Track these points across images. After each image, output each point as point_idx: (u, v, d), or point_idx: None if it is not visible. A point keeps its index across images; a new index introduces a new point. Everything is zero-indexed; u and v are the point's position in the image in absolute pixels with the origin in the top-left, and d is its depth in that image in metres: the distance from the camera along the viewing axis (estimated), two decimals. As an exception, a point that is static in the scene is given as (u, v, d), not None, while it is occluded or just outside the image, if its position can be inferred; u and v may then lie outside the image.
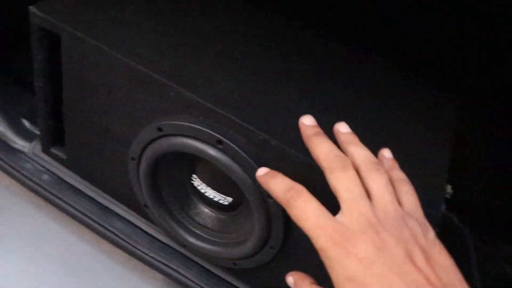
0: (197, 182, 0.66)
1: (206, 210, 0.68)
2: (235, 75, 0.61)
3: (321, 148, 0.44)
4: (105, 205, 0.78)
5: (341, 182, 0.42)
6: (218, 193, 0.64)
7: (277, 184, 0.46)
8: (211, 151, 0.56)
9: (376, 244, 0.38)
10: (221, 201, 0.65)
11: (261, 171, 0.50)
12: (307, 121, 0.49)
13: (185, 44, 0.64)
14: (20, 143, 0.85)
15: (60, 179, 0.80)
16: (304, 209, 0.42)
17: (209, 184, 0.65)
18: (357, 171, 0.44)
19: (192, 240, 0.67)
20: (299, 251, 0.61)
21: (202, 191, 0.66)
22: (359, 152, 0.45)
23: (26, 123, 0.88)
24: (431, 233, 0.42)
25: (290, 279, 0.51)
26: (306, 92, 0.62)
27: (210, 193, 0.65)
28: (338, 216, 0.41)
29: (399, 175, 0.46)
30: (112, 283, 0.76)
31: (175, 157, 0.63)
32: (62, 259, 0.78)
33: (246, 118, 0.55)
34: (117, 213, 0.77)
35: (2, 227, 0.81)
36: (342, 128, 0.48)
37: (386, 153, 0.48)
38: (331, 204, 0.44)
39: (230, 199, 0.64)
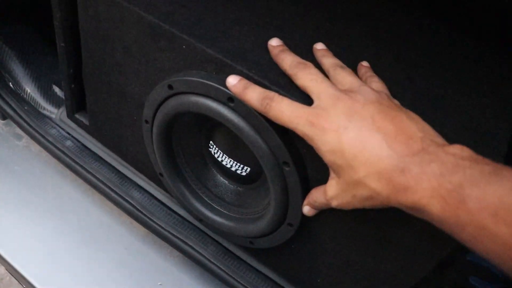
0: (214, 150, 0.60)
1: (224, 181, 0.62)
2: (257, 30, 0.54)
3: (286, 60, 0.47)
4: (125, 174, 0.74)
5: (305, 78, 0.45)
6: (236, 162, 0.58)
7: (252, 94, 0.46)
8: (222, 110, 0.50)
9: (346, 112, 0.41)
10: (238, 171, 0.59)
11: (233, 80, 0.48)
12: (274, 42, 0.50)
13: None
14: (48, 109, 0.83)
15: (83, 146, 0.77)
16: (279, 107, 0.44)
17: (226, 151, 0.59)
18: (327, 75, 0.47)
19: (207, 213, 0.62)
20: (322, 232, 0.54)
21: (219, 159, 0.60)
22: (329, 60, 0.49)
23: (57, 89, 0.86)
24: (395, 100, 0.45)
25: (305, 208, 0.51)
26: (339, 51, 0.54)
27: (227, 162, 0.59)
28: (312, 105, 0.44)
29: (369, 72, 0.49)
30: (128, 257, 0.73)
31: (190, 120, 0.58)
32: (81, 228, 0.75)
33: (262, 74, 0.48)
34: (136, 183, 0.73)
35: (27, 192, 0.80)
36: (318, 46, 0.51)
37: (364, 63, 0.51)
38: None
39: (248, 169, 0.58)
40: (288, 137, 0.48)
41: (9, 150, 0.85)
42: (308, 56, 0.50)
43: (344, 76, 0.46)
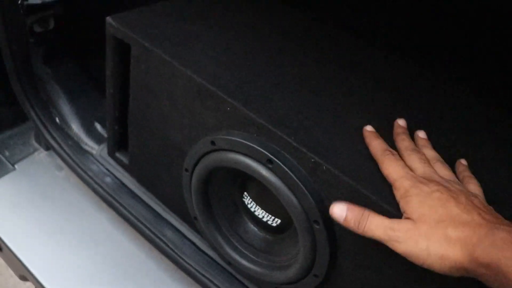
0: (247, 200, 0.65)
1: (254, 229, 0.67)
2: (297, 95, 0.60)
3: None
4: (159, 212, 0.79)
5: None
6: (267, 214, 0.63)
7: (376, 146, 0.52)
8: (261, 170, 0.55)
9: (444, 193, 0.44)
10: (269, 222, 0.64)
11: (369, 127, 0.55)
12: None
13: (250, 61, 0.64)
14: (90, 145, 0.89)
15: (121, 183, 0.83)
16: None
17: (259, 203, 0.64)
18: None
19: (237, 257, 0.66)
20: (344, 284, 0.58)
21: (252, 209, 0.65)
22: (430, 152, 0.54)
23: (99, 126, 0.92)
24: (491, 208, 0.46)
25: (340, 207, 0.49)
26: (371, 117, 0.59)
27: (259, 212, 0.64)
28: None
29: (469, 173, 0.52)
30: (157, 291, 0.77)
31: (227, 173, 0.63)
32: (112, 260, 0.80)
33: (299, 139, 0.53)
34: (169, 222, 0.78)
35: (63, 220, 0.85)
36: (420, 134, 0.57)
37: (463, 161, 0.55)
38: None
39: (278, 221, 0.63)
40: (320, 199, 0.53)
41: (50, 179, 0.91)
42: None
43: (441, 169, 0.50)
